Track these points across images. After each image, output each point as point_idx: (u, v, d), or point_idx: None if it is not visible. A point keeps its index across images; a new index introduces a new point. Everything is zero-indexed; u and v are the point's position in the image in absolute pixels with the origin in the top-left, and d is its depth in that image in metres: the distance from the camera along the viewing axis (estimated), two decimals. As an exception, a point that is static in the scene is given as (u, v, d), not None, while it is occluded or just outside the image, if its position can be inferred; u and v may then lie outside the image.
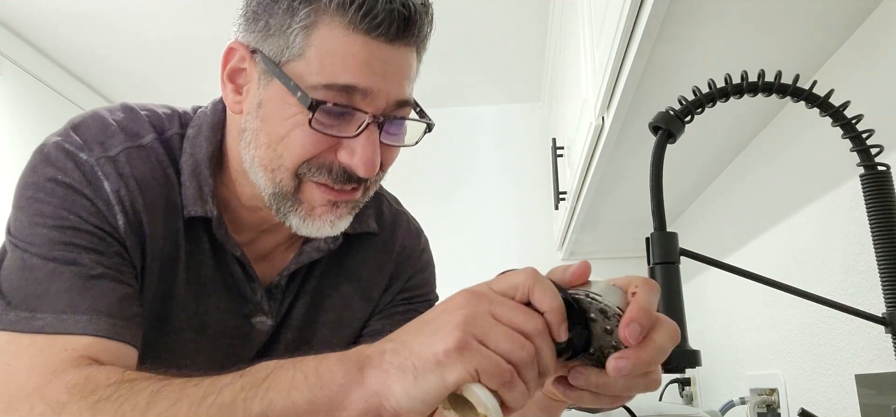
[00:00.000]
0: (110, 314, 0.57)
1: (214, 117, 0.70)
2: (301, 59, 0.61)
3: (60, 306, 0.55)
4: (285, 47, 0.61)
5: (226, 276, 0.70)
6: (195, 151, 0.68)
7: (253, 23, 0.64)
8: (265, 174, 0.65)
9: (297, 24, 0.61)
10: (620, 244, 2.33)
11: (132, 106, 0.68)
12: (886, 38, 0.86)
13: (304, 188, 0.65)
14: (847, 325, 0.99)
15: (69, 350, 0.54)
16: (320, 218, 0.66)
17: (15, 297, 0.56)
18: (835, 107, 0.69)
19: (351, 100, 0.61)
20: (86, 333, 0.55)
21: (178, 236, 0.66)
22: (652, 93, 1.07)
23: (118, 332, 0.57)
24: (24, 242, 0.58)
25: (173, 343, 0.68)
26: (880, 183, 0.69)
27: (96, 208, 0.60)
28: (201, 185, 0.67)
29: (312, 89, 0.60)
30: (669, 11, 0.84)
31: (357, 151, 0.62)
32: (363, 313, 0.81)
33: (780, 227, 1.25)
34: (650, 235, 0.66)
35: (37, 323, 0.55)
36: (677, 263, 0.65)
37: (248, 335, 0.73)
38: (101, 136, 0.63)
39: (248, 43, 0.65)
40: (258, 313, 0.73)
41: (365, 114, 0.62)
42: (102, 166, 0.61)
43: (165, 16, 2.15)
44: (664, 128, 0.68)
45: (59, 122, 0.66)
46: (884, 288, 0.69)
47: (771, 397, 1.25)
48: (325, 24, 0.60)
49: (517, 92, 2.72)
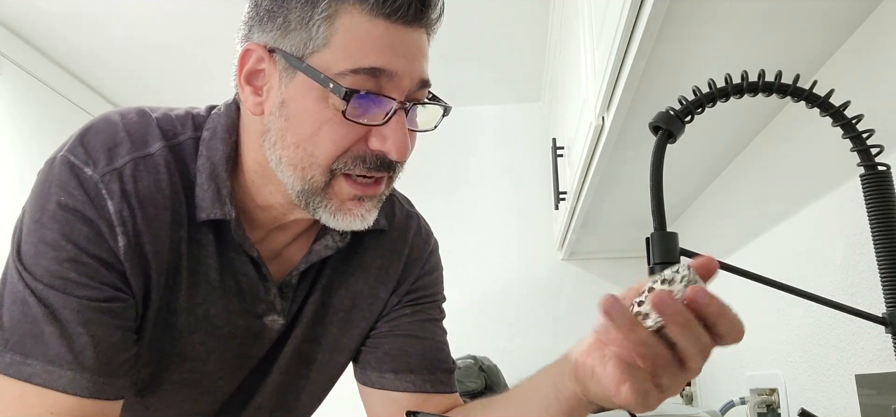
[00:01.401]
0: (94, 370, 0.59)
1: (228, 119, 0.70)
2: (326, 48, 0.62)
3: (50, 354, 0.58)
4: (308, 40, 0.62)
5: (237, 277, 0.71)
6: (212, 154, 0.68)
7: (268, 22, 0.64)
8: (295, 172, 0.65)
9: (319, 14, 0.61)
10: (620, 244, 2.33)
11: (145, 110, 0.68)
12: (886, 38, 0.86)
13: (334, 183, 0.65)
14: (847, 325, 0.99)
15: (55, 415, 0.57)
16: (350, 212, 0.66)
17: (12, 337, 0.58)
18: (835, 107, 0.69)
19: (378, 84, 0.62)
20: (67, 392, 0.58)
21: (181, 244, 0.66)
22: (652, 93, 1.07)
23: (98, 390, 0.59)
24: (28, 272, 0.60)
25: (184, 347, 0.69)
26: (880, 183, 0.69)
27: (96, 232, 0.61)
28: (219, 188, 0.67)
29: (339, 77, 0.61)
30: (669, 11, 0.84)
31: (389, 136, 0.63)
32: (371, 312, 0.81)
33: (780, 227, 1.25)
34: (650, 235, 0.66)
35: (27, 370, 0.57)
36: (677, 263, 0.64)
37: (260, 334, 0.74)
38: (108, 144, 0.63)
39: (264, 43, 0.65)
40: (271, 312, 0.73)
41: (392, 99, 0.63)
42: (107, 183, 0.61)
43: (166, 16, 2.15)
44: (664, 128, 0.68)
45: (59, 122, 0.66)
46: (884, 288, 0.69)
47: (771, 397, 1.25)
48: (346, 13, 0.61)
49: (517, 92, 2.72)
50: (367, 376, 0.82)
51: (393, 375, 0.80)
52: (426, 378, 0.80)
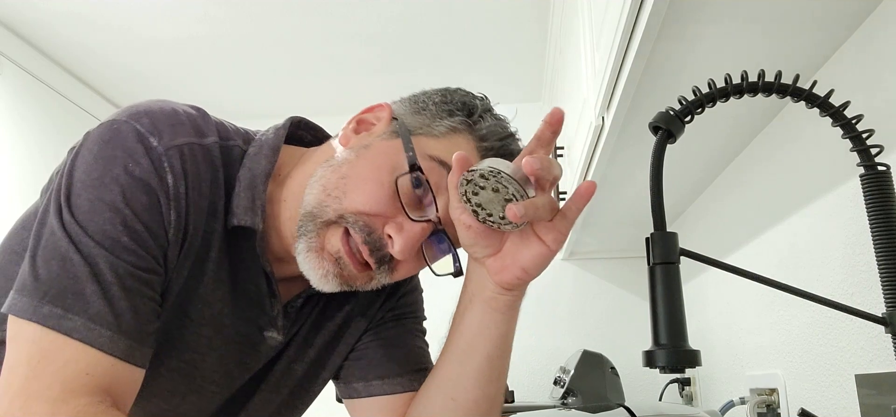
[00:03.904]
0: (131, 335, 0.59)
1: (275, 141, 0.72)
2: (432, 138, 0.69)
3: (91, 312, 0.57)
4: (426, 125, 0.70)
5: (249, 286, 0.72)
6: (254, 167, 0.70)
7: (411, 104, 0.73)
8: (320, 194, 0.67)
9: (448, 122, 0.70)
10: (620, 244, 2.33)
11: (202, 109, 0.71)
12: (886, 37, 0.86)
13: (333, 228, 0.67)
14: (847, 325, 0.99)
15: (90, 376, 0.57)
16: (321, 261, 0.68)
17: (51, 289, 0.57)
18: (835, 107, 0.69)
19: (438, 187, 0.67)
20: (104, 351, 0.57)
21: (213, 237, 0.68)
22: (652, 93, 1.07)
23: (133, 355, 0.59)
24: (79, 226, 0.59)
25: (190, 336, 0.69)
26: (880, 183, 0.69)
27: (155, 203, 0.62)
28: (255, 198, 0.69)
29: (422, 157, 0.67)
30: (669, 11, 0.84)
31: (405, 231, 0.66)
32: (358, 329, 0.83)
33: (780, 227, 1.25)
34: (650, 235, 0.66)
35: (67, 324, 0.56)
36: (677, 263, 0.65)
37: (258, 346, 0.75)
38: (171, 122, 0.65)
39: (396, 111, 0.73)
40: (271, 328, 0.74)
41: (435, 211, 0.67)
42: (170, 157, 0.63)
43: (166, 16, 2.15)
44: (664, 128, 0.68)
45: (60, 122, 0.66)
46: (884, 288, 0.69)
47: (771, 397, 1.25)
48: (465, 136, 0.70)
49: (517, 92, 2.72)
50: (352, 388, 0.83)
51: (380, 381, 0.81)
52: (412, 378, 0.81)
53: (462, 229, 0.65)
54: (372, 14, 2.13)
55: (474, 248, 0.67)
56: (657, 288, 0.64)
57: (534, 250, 0.65)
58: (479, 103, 0.74)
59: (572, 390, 1.71)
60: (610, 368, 1.78)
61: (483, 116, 0.72)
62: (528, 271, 0.66)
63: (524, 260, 0.65)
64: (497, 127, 0.73)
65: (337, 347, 0.82)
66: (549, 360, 2.36)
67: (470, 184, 0.61)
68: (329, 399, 0.89)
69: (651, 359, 0.63)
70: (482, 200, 0.61)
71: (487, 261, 0.67)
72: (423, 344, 0.87)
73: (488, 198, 0.61)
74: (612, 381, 1.75)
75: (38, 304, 0.57)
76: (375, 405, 0.81)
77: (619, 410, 1.32)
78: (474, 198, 0.62)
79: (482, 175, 0.60)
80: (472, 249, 0.67)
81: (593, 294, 2.50)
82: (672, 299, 0.63)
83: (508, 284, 0.68)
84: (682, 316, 0.63)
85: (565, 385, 1.73)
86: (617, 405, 1.38)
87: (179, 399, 0.72)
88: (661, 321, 0.63)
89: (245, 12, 2.13)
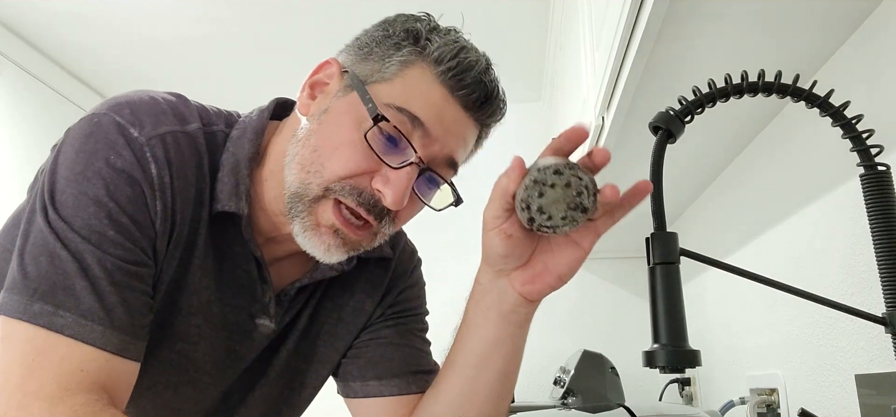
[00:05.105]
0: (123, 329, 0.59)
1: (259, 123, 0.72)
2: (387, 83, 0.67)
3: (82, 308, 0.57)
4: (377, 71, 0.68)
5: (238, 272, 0.71)
6: (237, 150, 0.70)
7: (356, 50, 0.71)
8: (299, 173, 0.67)
9: (398, 57, 0.67)
10: (620, 244, 2.33)
11: (182, 94, 0.71)
12: (886, 38, 0.86)
13: (323, 202, 0.66)
14: (847, 325, 0.99)
15: (84, 372, 0.56)
16: (320, 237, 0.67)
17: (40, 286, 0.57)
18: (835, 107, 0.69)
19: (411, 133, 0.66)
20: (97, 346, 0.57)
21: (201, 225, 0.67)
22: (652, 93, 1.07)
23: (126, 349, 0.59)
24: (64, 222, 0.59)
25: (180, 325, 0.69)
26: (880, 183, 0.69)
27: (139, 194, 0.61)
28: (238, 183, 0.68)
29: (383, 107, 0.65)
30: (669, 11, 0.84)
31: (392, 181, 0.65)
32: (355, 325, 0.82)
33: (780, 227, 1.25)
34: (650, 235, 0.66)
35: (58, 321, 0.56)
36: (677, 263, 0.65)
37: (250, 334, 0.74)
38: (152, 111, 0.65)
39: (343, 62, 0.71)
40: (263, 315, 0.74)
41: (413, 150, 0.66)
42: (152, 147, 0.62)
43: (165, 16, 2.15)
44: (664, 128, 0.68)
45: (60, 122, 0.66)
46: (884, 288, 0.69)
47: (771, 397, 1.25)
48: (418, 67, 0.67)
49: (517, 92, 2.72)
50: (350, 387, 0.82)
51: (377, 381, 0.80)
52: (410, 380, 0.80)
53: (499, 240, 0.61)
54: (371, 14, 2.12)
55: (508, 260, 0.63)
56: (657, 288, 0.64)
57: (569, 255, 0.62)
58: (421, 26, 0.70)
59: (572, 390, 1.71)
60: (610, 368, 1.78)
61: (430, 38, 0.69)
62: (563, 278, 0.63)
63: (559, 266, 0.62)
64: (448, 44, 0.68)
65: (335, 343, 0.81)
66: (549, 360, 2.36)
67: (537, 184, 0.55)
68: (329, 399, 0.89)
69: (651, 359, 0.63)
70: (548, 200, 0.55)
71: (513, 273, 0.64)
72: (422, 345, 0.86)
73: (555, 197, 0.55)
74: (612, 381, 1.75)
75: (28, 302, 0.56)
76: (373, 405, 0.81)
77: (619, 410, 1.32)
78: (539, 200, 0.56)
79: (557, 170, 0.55)
80: (504, 261, 0.63)
81: (593, 294, 2.50)
82: (672, 299, 0.64)
83: (538, 294, 0.64)
84: (681, 315, 0.63)
85: (565, 385, 1.73)
86: (617, 405, 1.38)
87: (172, 392, 0.71)
88: (661, 321, 0.63)
89: (245, 12, 2.13)
